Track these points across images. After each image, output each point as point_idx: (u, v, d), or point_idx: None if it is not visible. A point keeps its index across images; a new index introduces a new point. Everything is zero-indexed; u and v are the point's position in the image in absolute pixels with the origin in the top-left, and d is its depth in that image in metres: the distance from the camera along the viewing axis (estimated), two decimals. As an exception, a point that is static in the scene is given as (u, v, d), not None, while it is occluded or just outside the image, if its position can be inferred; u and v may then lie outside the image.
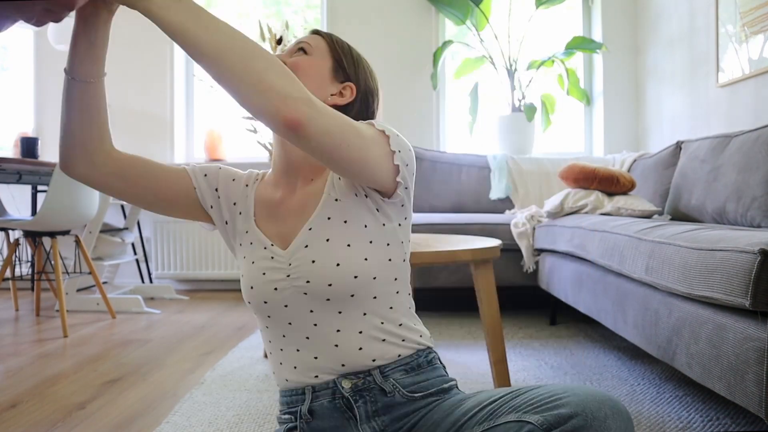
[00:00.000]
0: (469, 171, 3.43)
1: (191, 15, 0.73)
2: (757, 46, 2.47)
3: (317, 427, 0.89)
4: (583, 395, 0.70)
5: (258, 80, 0.72)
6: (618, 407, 0.70)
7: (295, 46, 0.96)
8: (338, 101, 0.95)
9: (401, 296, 0.92)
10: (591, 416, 0.67)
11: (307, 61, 0.94)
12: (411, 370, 0.90)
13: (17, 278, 3.11)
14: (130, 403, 1.73)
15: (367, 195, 0.89)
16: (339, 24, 3.91)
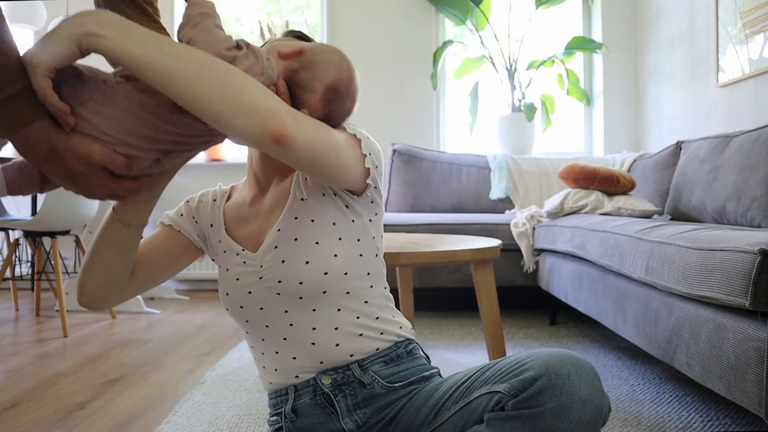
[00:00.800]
0: (469, 171, 3.43)
1: (150, 43, 0.69)
2: (757, 46, 2.47)
3: (302, 425, 0.90)
4: (546, 357, 0.72)
5: (237, 100, 0.70)
6: (580, 363, 0.71)
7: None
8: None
9: (376, 290, 0.93)
10: (554, 375, 0.69)
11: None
12: (390, 361, 0.91)
13: (17, 278, 3.11)
14: (130, 403, 1.73)
15: (336, 193, 0.90)
16: (339, 24, 3.91)
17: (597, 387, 0.71)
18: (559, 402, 0.68)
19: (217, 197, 1.05)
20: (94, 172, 0.70)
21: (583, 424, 0.68)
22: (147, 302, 3.39)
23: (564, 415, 0.68)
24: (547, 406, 0.68)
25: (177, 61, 0.68)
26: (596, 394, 0.70)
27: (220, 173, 3.99)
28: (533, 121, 3.67)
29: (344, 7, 3.92)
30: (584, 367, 0.71)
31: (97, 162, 0.69)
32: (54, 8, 3.80)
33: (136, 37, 0.69)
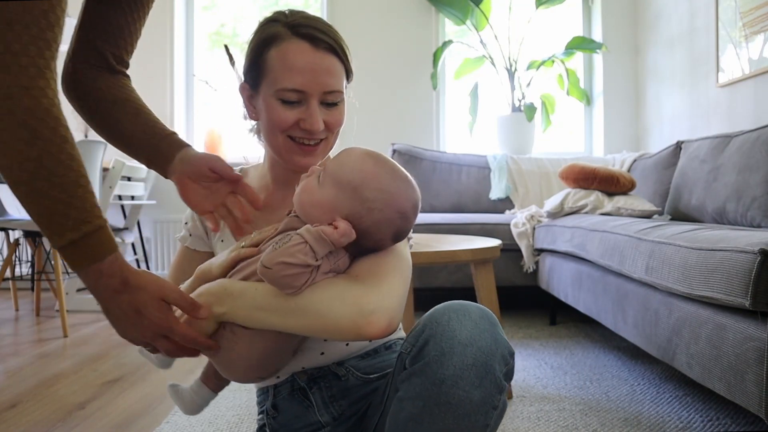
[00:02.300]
0: (469, 171, 3.43)
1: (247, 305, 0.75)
2: (757, 46, 2.47)
3: (282, 420, 0.90)
4: (433, 309, 0.73)
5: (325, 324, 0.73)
6: (466, 308, 0.71)
7: (325, 98, 0.87)
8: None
9: None
10: (435, 323, 0.70)
11: (342, 115, 0.91)
12: (366, 355, 0.91)
13: (17, 278, 3.11)
14: (130, 403, 1.73)
15: None
16: (339, 24, 3.90)
17: (483, 329, 0.68)
18: (440, 349, 0.67)
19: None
20: (162, 306, 0.75)
21: (468, 368, 0.65)
22: (147, 302, 3.38)
23: (446, 360, 0.66)
24: (431, 355, 0.67)
25: (271, 315, 0.75)
26: (481, 336, 0.68)
27: (220, 173, 3.99)
28: (533, 121, 3.67)
29: (344, 8, 3.92)
30: (469, 312, 0.70)
31: (171, 300, 0.75)
32: (54, 8, 3.80)
33: (248, 308, 0.76)
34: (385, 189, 0.76)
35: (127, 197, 3.80)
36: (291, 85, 0.84)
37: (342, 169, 0.77)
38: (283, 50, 0.85)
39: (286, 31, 0.85)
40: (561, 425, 1.52)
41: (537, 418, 1.57)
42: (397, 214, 0.77)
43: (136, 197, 3.79)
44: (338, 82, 0.87)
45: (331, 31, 0.87)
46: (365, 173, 0.76)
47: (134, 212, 3.80)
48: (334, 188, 0.76)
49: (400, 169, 0.79)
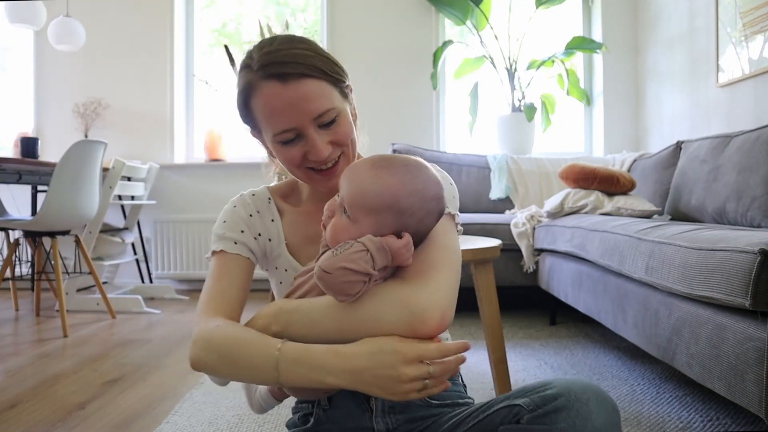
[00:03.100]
0: (469, 171, 3.43)
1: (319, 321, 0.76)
2: (757, 46, 2.47)
3: (333, 415, 0.89)
4: (571, 380, 0.72)
5: (379, 328, 0.74)
6: (603, 395, 0.71)
7: (318, 122, 0.84)
8: (355, 116, 0.92)
9: None
10: (574, 398, 0.69)
11: (347, 126, 0.87)
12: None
13: (17, 278, 3.11)
14: (130, 403, 1.73)
15: None
16: (339, 24, 3.91)
17: (614, 422, 0.69)
18: (572, 424, 0.67)
19: (261, 208, 0.97)
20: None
21: None
22: (147, 302, 3.39)
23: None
24: (560, 426, 0.67)
25: (327, 326, 0.76)
26: (612, 428, 0.69)
27: (220, 173, 3.99)
28: (533, 121, 3.67)
29: (344, 8, 3.92)
30: (606, 399, 0.71)
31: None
32: (54, 8, 3.80)
33: (295, 321, 0.77)
34: (415, 190, 0.76)
35: (127, 197, 3.80)
36: (280, 128, 0.83)
37: (366, 197, 0.76)
38: (259, 98, 0.83)
39: (257, 76, 0.83)
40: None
41: (537, 418, 1.57)
42: (433, 201, 0.78)
43: (136, 197, 3.79)
44: (323, 101, 0.83)
45: (299, 56, 0.82)
46: (389, 188, 0.75)
47: (134, 212, 3.80)
48: (368, 217, 0.75)
49: (408, 160, 0.79)
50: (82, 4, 3.94)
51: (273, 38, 0.85)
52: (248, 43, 4.13)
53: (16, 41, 4.26)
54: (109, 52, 4.04)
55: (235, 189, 4.36)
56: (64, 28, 3.57)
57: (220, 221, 0.96)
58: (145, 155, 3.97)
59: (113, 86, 4.04)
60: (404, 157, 0.80)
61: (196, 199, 4.00)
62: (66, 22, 3.58)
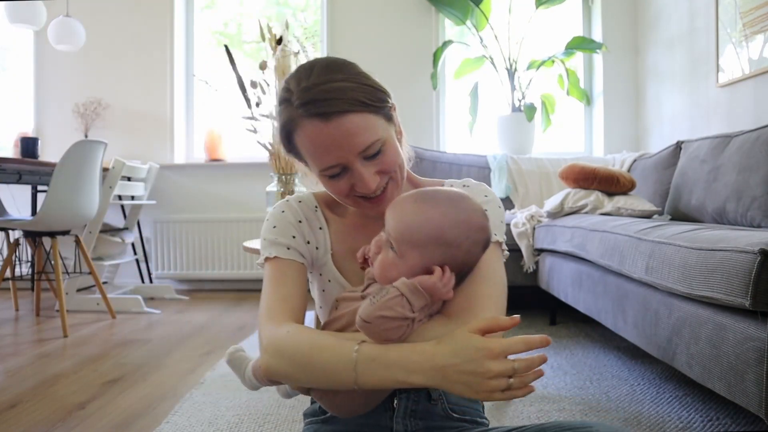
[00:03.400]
0: (469, 171, 3.43)
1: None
2: (757, 46, 2.47)
3: None
4: (614, 428, 0.72)
5: None
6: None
7: (364, 155, 0.81)
8: (400, 134, 0.90)
9: None
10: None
11: (393, 154, 0.84)
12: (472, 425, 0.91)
13: (17, 278, 3.11)
14: (130, 403, 1.73)
15: None
16: (339, 24, 3.91)
17: None
18: None
19: (307, 215, 0.95)
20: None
21: None
22: (147, 302, 3.39)
23: None
24: None
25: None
26: None
27: (220, 173, 3.99)
28: (533, 121, 3.67)
29: (344, 8, 3.92)
30: None
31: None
32: (54, 8, 3.80)
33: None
34: (459, 220, 0.76)
35: (127, 197, 3.80)
36: (325, 165, 0.82)
37: (410, 231, 0.76)
38: (302, 135, 0.81)
39: (298, 113, 0.80)
40: (561, 425, 1.52)
41: (537, 418, 1.57)
42: (478, 231, 0.78)
43: (136, 197, 3.79)
44: (367, 135, 0.80)
45: (339, 90, 0.79)
46: (434, 220, 0.75)
47: (134, 212, 3.80)
48: (416, 251, 0.75)
49: (450, 192, 0.79)
50: (82, 4, 3.94)
51: (311, 67, 0.82)
52: (249, 43, 4.14)
53: (16, 41, 4.26)
54: (109, 52, 4.04)
55: (235, 189, 4.36)
56: (64, 28, 3.57)
57: (269, 226, 0.93)
58: (145, 155, 3.97)
59: (113, 86, 4.04)
60: (447, 189, 0.81)
61: (196, 199, 4.00)
62: (66, 22, 3.58)
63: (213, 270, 3.92)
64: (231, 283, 3.99)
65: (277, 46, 2.35)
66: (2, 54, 4.32)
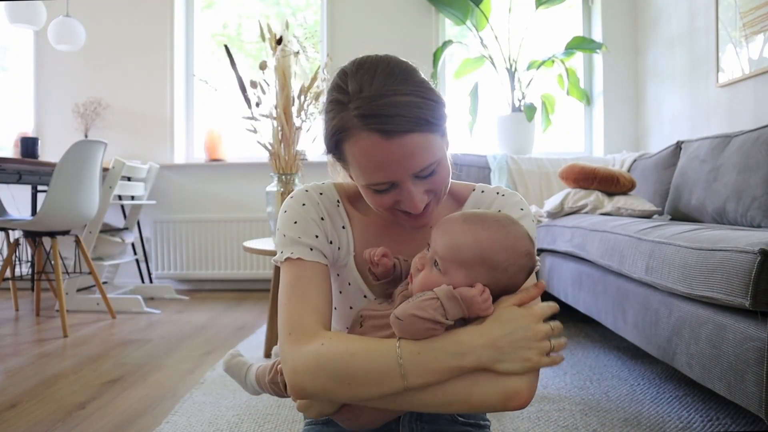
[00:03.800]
0: (469, 171, 3.43)
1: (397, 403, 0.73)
2: (757, 46, 2.47)
3: None
4: None
5: (472, 404, 0.73)
6: None
7: (417, 174, 0.78)
8: (449, 147, 0.85)
9: None
10: None
11: (444, 174, 0.81)
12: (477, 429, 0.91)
13: (17, 278, 3.11)
14: (130, 403, 1.73)
15: None
16: (339, 24, 3.91)
17: None
18: None
19: (330, 211, 0.89)
20: None
21: None
22: (147, 302, 3.39)
23: None
24: None
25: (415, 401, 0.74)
26: None
27: (220, 173, 3.99)
28: (533, 121, 3.67)
29: (344, 8, 3.92)
30: None
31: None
32: (54, 8, 3.80)
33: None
34: (507, 245, 0.76)
35: (127, 197, 3.80)
36: (375, 180, 0.78)
37: (459, 251, 0.75)
38: (355, 146, 0.75)
39: (355, 122, 0.74)
40: (561, 425, 1.52)
41: (537, 418, 1.57)
42: (525, 257, 0.77)
43: (136, 197, 3.79)
44: (427, 156, 0.76)
45: (405, 106, 0.73)
46: (483, 242, 0.75)
47: (134, 212, 3.80)
48: (461, 270, 0.75)
49: (499, 216, 0.79)
50: (82, 4, 3.94)
51: (372, 70, 0.76)
52: (249, 43, 4.13)
53: (16, 41, 4.26)
54: (109, 52, 4.04)
55: (235, 189, 4.36)
56: (64, 28, 3.57)
57: (288, 221, 0.86)
58: (145, 155, 3.97)
59: (113, 86, 4.04)
60: (495, 213, 0.81)
61: (196, 199, 4.00)
62: (66, 22, 3.58)
63: (213, 270, 3.92)
64: (231, 283, 3.99)
65: (277, 46, 2.35)
66: (2, 54, 4.32)
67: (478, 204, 0.93)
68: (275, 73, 2.28)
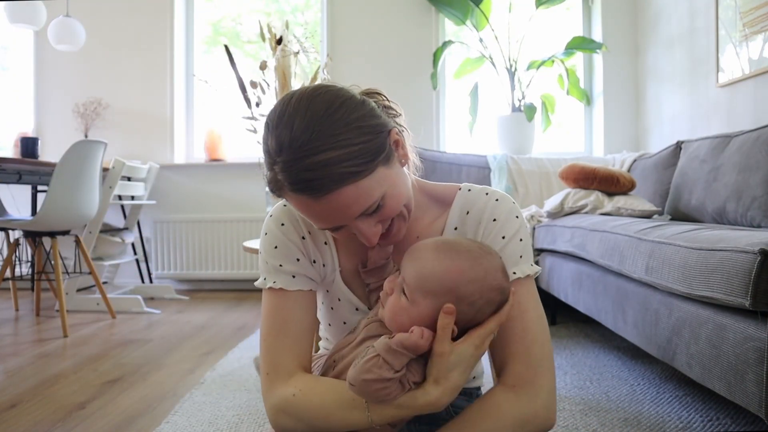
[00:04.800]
0: (469, 171, 3.43)
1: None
2: (757, 46, 2.47)
3: None
4: None
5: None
6: None
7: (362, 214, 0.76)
8: (406, 158, 0.84)
9: None
10: None
11: (394, 201, 0.78)
12: (464, 394, 0.95)
13: (17, 278, 3.11)
14: (130, 403, 1.73)
15: None
16: (339, 24, 3.91)
17: None
18: None
19: (310, 227, 0.87)
20: None
21: None
22: (147, 302, 3.39)
23: None
24: None
25: None
26: None
27: (220, 173, 3.99)
28: (533, 121, 3.67)
29: (344, 8, 3.92)
30: None
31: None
32: (54, 8, 3.80)
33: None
34: (476, 278, 0.74)
35: (127, 197, 3.80)
36: (321, 227, 0.78)
37: (426, 280, 0.74)
38: (291, 202, 0.75)
39: (283, 183, 0.72)
40: (561, 425, 1.52)
41: (537, 418, 1.57)
42: (494, 291, 0.75)
43: (136, 197, 3.79)
44: (362, 201, 0.73)
45: (324, 165, 0.69)
46: (451, 273, 0.73)
47: (134, 212, 3.80)
48: (428, 300, 0.73)
49: (472, 246, 0.76)
50: (82, 4, 3.94)
51: (290, 126, 0.70)
52: (249, 43, 4.14)
53: (16, 41, 4.26)
54: (109, 52, 4.04)
55: (235, 189, 4.36)
56: (64, 28, 3.57)
57: (269, 246, 0.84)
58: (145, 155, 3.97)
59: (113, 86, 4.04)
60: (469, 242, 0.78)
61: (196, 199, 4.00)
62: (66, 22, 3.58)
63: (213, 270, 3.92)
64: (231, 283, 3.99)
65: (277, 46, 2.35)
66: (2, 54, 4.32)
67: (467, 204, 0.90)
68: (275, 73, 2.28)
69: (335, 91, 0.74)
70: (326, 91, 0.74)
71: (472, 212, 0.89)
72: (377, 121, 0.75)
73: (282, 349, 0.80)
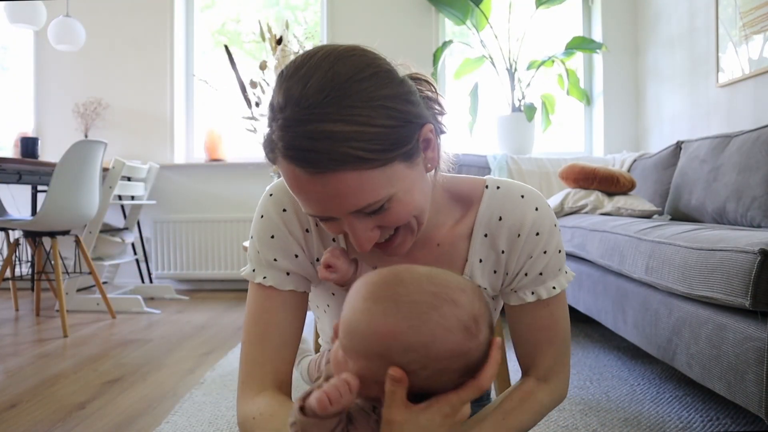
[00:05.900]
0: (469, 171, 3.43)
1: None
2: (757, 46, 2.47)
3: None
4: None
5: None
6: None
7: (360, 212, 0.64)
8: (434, 163, 0.72)
9: None
10: None
11: (401, 209, 0.65)
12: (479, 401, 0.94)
13: (17, 278, 3.11)
14: (130, 403, 1.73)
15: (494, 297, 0.87)
16: (339, 24, 3.91)
17: None
18: None
19: (309, 227, 0.76)
20: None
21: None
22: (147, 302, 3.39)
23: None
24: None
25: None
26: None
27: (220, 173, 3.99)
28: (533, 121, 3.67)
29: (344, 8, 3.92)
30: None
31: None
32: (54, 8, 3.80)
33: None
34: (413, 343, 0.55)
35: (127, 197, 3.80)
36: (309, 212, 0.65)
37: (353, 336, 0.58)
38: (283, 171, 0.62)
39: (277, 145, 0.60)
40: (561, 425, 1.52)
41: (537, 418, 1.57)
42: (447, 360, 0.56)
43: (136, 197, 3.79)
44: (364, 195, 0.61)
45: (329, 138, 0.57)
46: (381, 334, 0.56)
47: (134, 212, 3.80)
48: (360, 360, 0.58)
49: (422, 294, 0.57)
50: (82, 4, 3.94)
51: (305, 81, 0.59)
52: (249, 43, 4.13)
53: (16, 41, 4.26)
54: (109, 52, 4.04)
55: (235, 189, 4.35)
56: (64, 28, 3.57)
57: (264, 234, 0.73)
58: (145, 155, 3.97)
59: (113, 86, 4.04)
60: (423, 286, 0.58)
61: (196, 199, 4.00)
62: (66, 22, 3.58)
63: (213, 270, 3.92)
64: (231, 283, 3.99)
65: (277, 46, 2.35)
66: (2, 54, 4.32)
67: (498, 209, 0.77)
68: (275, 73, 2.28)
69: (371, 58, 0.63)
70: (362, 54, 0.63)
71: (508, 220, 0.77)
72: (410, 108, 0.63)
73: (259, 358, 0.73)
